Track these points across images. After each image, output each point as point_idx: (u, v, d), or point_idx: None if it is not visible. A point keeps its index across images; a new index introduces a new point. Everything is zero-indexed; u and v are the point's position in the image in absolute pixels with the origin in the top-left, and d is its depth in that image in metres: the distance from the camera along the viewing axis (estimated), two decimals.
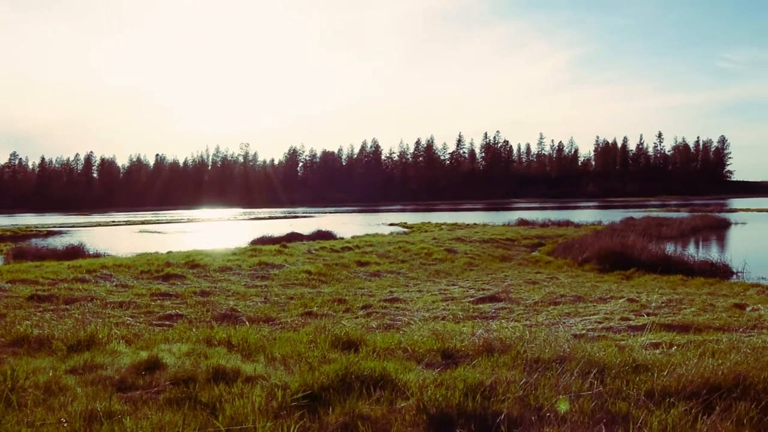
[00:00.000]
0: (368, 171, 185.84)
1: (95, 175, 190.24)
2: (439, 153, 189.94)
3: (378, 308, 10.94)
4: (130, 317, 9.72)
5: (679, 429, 4.03)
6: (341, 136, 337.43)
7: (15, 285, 12.35)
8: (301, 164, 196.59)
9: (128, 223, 63.90)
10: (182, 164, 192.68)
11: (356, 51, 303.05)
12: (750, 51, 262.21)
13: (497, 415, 4.21)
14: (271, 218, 73.01)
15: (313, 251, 21.27)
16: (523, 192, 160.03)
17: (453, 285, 14.72)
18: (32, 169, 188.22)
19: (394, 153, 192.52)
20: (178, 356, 6.17)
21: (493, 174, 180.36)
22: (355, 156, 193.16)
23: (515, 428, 4.11)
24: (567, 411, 4.30)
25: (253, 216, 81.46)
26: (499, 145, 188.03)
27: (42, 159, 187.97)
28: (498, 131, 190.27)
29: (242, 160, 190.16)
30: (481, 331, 6.75)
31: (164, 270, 15.39)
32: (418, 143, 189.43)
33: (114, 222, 67.51)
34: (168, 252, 21.50)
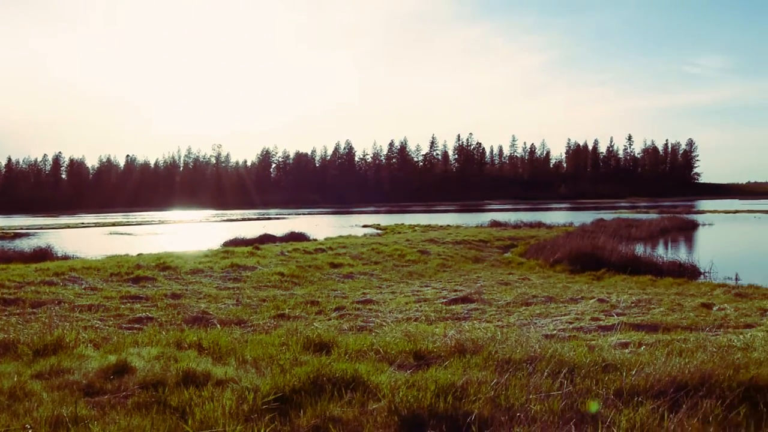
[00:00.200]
0: (342, 173, 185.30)
1: (64, 176, 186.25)
2: (413, 155, 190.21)
3: (351, 310, 10.94)
4: (99, 320, 9.58)
5: (647, 427, 4.09)
6: (314, 138, 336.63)
7: None
8: (274, 166, 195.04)
9: (98, 225, 62.82)
10: (153, 165, 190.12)
11: (330, 53, 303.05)
12: (720, 57, 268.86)
13: (468, 416, 4.24)
14: (244, 220, 72.39)
15: (286, 253, 21.16)
16: (496, 194, 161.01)
17: (426, 286, 14.77)
18: None
19: (368, 155, 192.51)
20: (148, 360, 6.09)
21: (467, 176, 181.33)
22: (329, 158, 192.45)
23: (486, 428, 4.14)
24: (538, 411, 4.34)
25: (226, 217, 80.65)
26: (472, 147, 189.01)
27: (8, 159, 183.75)
28: (471, 133, 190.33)
29: (214, 161, 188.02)
30: (453, 332, 6.78)
31: (134, 272, 15.18)
32: (392, 145, 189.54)
33: (83, 224, 66.28)
34: (138, 254, 21.22)
